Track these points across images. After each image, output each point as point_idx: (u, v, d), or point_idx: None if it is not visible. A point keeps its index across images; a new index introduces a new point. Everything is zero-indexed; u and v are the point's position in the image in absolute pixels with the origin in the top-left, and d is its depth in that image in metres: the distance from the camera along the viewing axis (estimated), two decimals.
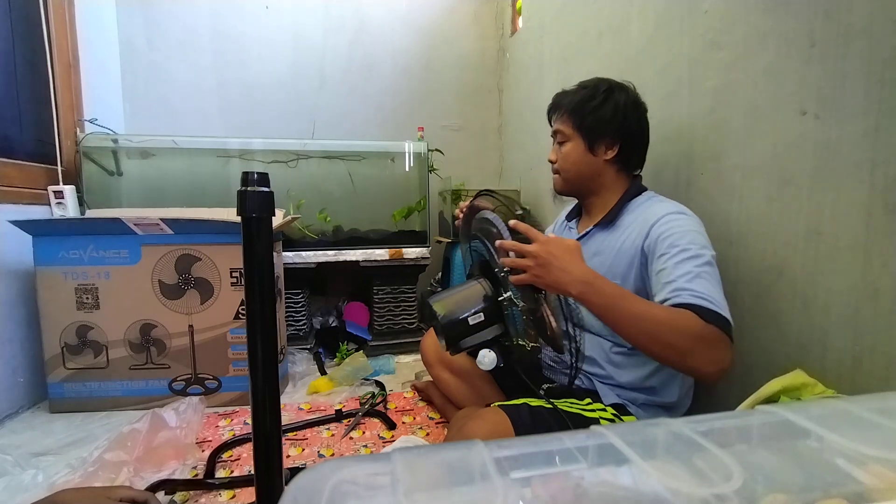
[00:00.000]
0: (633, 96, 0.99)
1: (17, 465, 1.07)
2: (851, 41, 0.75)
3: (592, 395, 0.93)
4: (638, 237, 0.89)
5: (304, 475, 0.33)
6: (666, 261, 0.81)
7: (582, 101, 0.97)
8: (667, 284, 0.78)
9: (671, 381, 0.92)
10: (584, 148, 0.98)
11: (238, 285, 1.42)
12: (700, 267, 0.78)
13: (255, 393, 0.66)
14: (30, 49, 1.59)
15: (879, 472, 0.33)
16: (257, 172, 0.65)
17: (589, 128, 0.97)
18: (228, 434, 1.26)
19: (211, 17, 2.17)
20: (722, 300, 0.75)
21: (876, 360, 0.74)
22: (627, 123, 0.96)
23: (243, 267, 0.66)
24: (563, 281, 0.75)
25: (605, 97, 0.96)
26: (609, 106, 0.95)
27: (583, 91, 0.98)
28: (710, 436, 0.37)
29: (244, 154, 1.94)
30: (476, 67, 2.50)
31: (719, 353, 0.71)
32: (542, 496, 0.33)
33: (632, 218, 0.94)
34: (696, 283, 0.76)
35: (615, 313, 0.74)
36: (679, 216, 0.87)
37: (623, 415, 0.90)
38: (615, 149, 0.97)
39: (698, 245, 0.81)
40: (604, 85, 0.98)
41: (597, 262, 0.95)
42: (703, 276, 0.77)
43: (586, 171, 0.99)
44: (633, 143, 0.99)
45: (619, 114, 0.95)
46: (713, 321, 0.71)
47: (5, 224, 1.31)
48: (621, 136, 0.97)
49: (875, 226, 0.73)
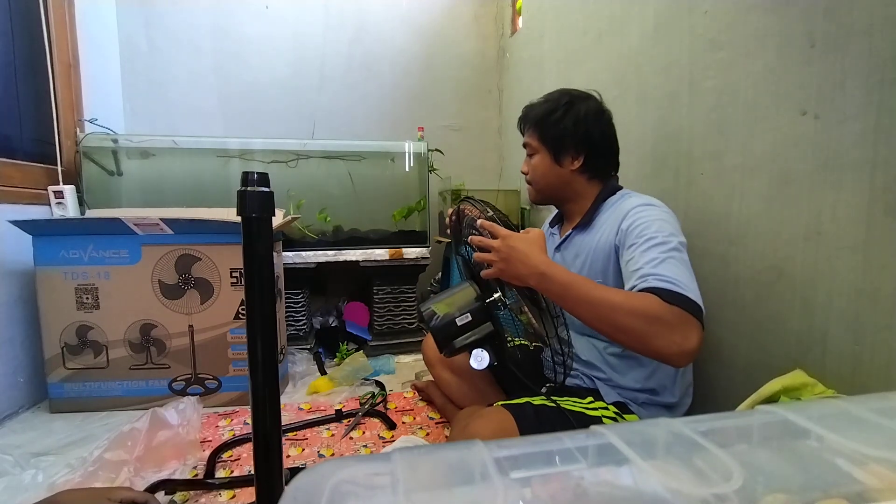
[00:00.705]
0: (596, 105, 1.00)
1: (17, 465, 1.07)
2: (851, 41, 0.75)
3: (594, 394, 0.93)
4: (611, 233, 0.91)
5: (304, 475, 0.33)
6: (633, 250, 0.82)
7: (544, 115, 0.99)
8: (634, 272, 0.79)
9: (670, 382, 0.93)
10: (551, 160, 1.00)
11: (238, 285, 1.42)
12: (666, 253, 0.79)
13: (255, 393, 0.66)
14: (30, 49, 1.59)
15: (879, 472, 0.33)
16: (257, 172, 0.65)
17: (553, 140, 0.99)
18: (228, 434, 1.26)
19: (211, 17, 2.17)
20: (689, 282, 0.75)
21: (876, 360, 0.74)
22: (590, 133, 0.98)
23: (243, 267, 0.66)
24: (523, 273, 0.77)
25: (566, 109, 0.98)
26: (570, 118, 0.97)
27: (545, 104, 1.00)
28: (710, 436, 0.37)
29: (244, 154, 1.94)
30: (476, 67, 2.50)
31: (682, 335, 0.70)
32: (542, 496, 0.33)
33: (606, 216, 0.96)
34: (662, 267, 0.76)
35: (571, 300, 0.75)
36: (646, 207, 0.89)
37: (625, 413, 0.91)
38: (581, 159, 0.99)
39: (665, 233, 0.82)
40: (565, 97, 1.00)
41: (578, 264, 0.97)
42: (669, 260, 0.78)
43: (555, 181, 1.02)
44: (598, 151, 1.00)
45: (580, 125, 0.97)
46: (676, 302, 0.71)
47: (5, 224, 1.31)
48: (585, 146, 0.98)
49: (875, 226, 0.73)
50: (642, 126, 1.29)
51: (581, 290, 0.74)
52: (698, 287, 0.76)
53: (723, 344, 1.04)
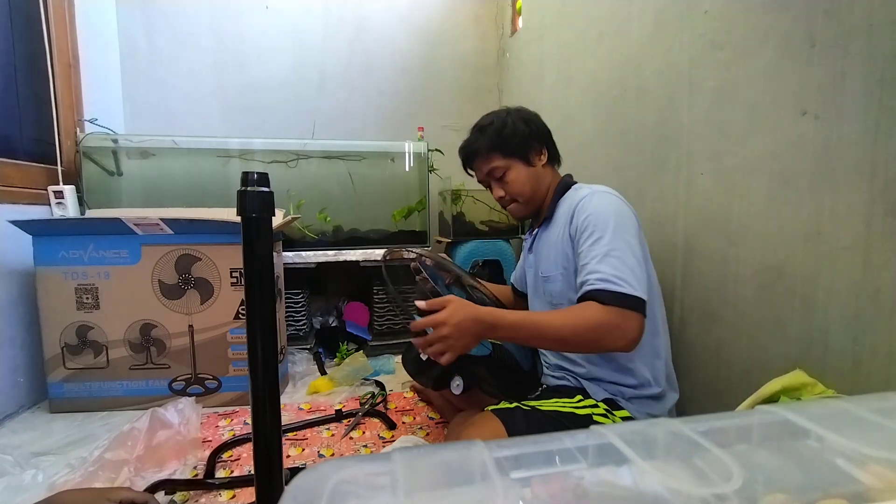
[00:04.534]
0: (524, 109, 1.09)
1: (17, 465, 1.07)
2: (851, 41, 0.75)
3: (582, 393, 0.94)
4: (565, 225, 0.97)
5: (304, 475, 0.33)
6: (582, 244, 0.90)
7: (496, 133, 1.04)
8: (583, 268, 0.87)
9: (648, 372, 0.94)
10: (524, 165, 1.05)
11: (238, 285, 1.42)
12: (607, 245, 0.86)
13: (255, 393, 0.66)
14: (30, 49, 1.59)
15: (879, 472, 0.33)
16: (257, 172, 0.65)
17: (518, 146, 1.04)
18: (228, 434, 1.26)
19: (211, 17, 2.17)
20: (628, 275, 0.82)
21: (876, 360, 0.74)
22: (538, 128, 1.06)
23: (243, 267, 0.66)
24: (470, 344, 0.83)
25: (510, 119, 1.05)
26: (518, 123, 1.04)
27: (489, 127, 1.05)
28: (710, 436, 0.37)
29: (244, 154, 1.94)
30: (476, 67, 2.50)
31: (621, 330, 0.80)
32: (542, 496, 0.33)
33: (562, 210, 1.01)
34: (603, 264, 0.84)
35: (523, 337, 0.84)
36: (593, 196, 0.94)
37: (615, 409, 0.91)
38: (544, 151, 1.07)
39: (609, 225, 0.88)
40: (500, 113, 1.07)
41: (552, 257, 1.02)
42: (611, 254, 0.85)
43: (535, 182, 1.06)
44: (550, 140, 1.09)
45: (530, 124, 1.05)
46: (614, 302, 0.80)
47: (5, 224, 1.31)
48: (541, 139, 1.06)
49: (875, 226, 0.73)
50: (642, 126, 1.29)
51: (527, 325, 0.83)
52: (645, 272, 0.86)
53: (723, 344, 1.04)
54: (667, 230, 1.19)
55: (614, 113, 1.43)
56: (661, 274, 1.21)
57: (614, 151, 1.43)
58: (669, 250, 1.18)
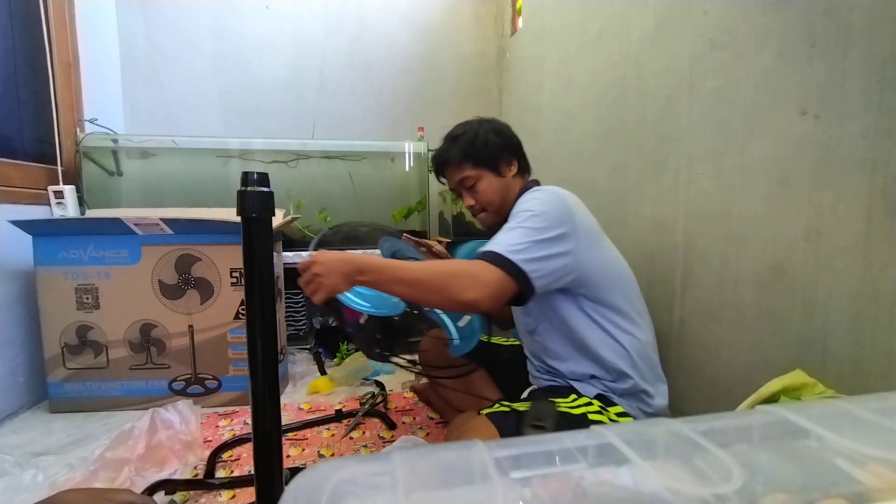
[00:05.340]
0: (496, 120, 1.11)
1: (17, 465, 1.07)
2: (851, 41, 0.75)
3: (574, 392, 0.94)
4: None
5: (304, 475, 0.33)
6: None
7: (468, 144, 1.06)
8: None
9: (625, 365, 0.93)
10: (494, 175, 1.07)
11: (238, 285, 1.42)
12: (517, 226, 0.87)
13: (255, 393, 0.66)
14: (30, 49, 1.59)
15: (879, 472, 0.33)
16: (257, 172, 0.66)
17: (488, 157, 1.06)
18: (228, 434, 1.26)
19: (211, 17, 2.17)
20: (513, 243, 0.84)
21: (876, 360, 0.74)
22: (509, 139, 1.09)
23: (243, 267, 0.66)
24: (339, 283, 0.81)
25: (483, 129, 1.07)
26: (490, 134, 1.06)
27: (461, 137, 1.07)
28: (710, 436, 0.37)
29: (244, 154, 1.94)
30: (476, 67, 2.50)
31: (477, 279, 0.80)
32: (542, 496, 0.33)
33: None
34: (499, 236, 0.86)
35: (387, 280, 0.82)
36: (529, 193, 0.96)
37: (608, 405, 0.91)
38: (515, 162, 1.09)
39: (529, 214, 0.89)
40: (472, 124, 1.09)
41: None
42: (512, 230, 0.87)
43: (505, 192, 1.08)
44: (521, 152, 1.11)
45: (501, 135, 1.08)
46: (484, 258, 0.82)
47: (5, 224, 1.31)
48: (512, 150, 1.09)
49: (875, 226, 0.73)
50: (642, 126, 1.29)
51: (390, 267, 0.83)
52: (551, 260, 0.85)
53: (723, 344, 1.04)
54: (667, 230, 1.19)
55: (614, 113, 1.43)
56: (662, 274, 1.21)
57: (614, 151, 1.43)
58: (669, 250, 1.18)
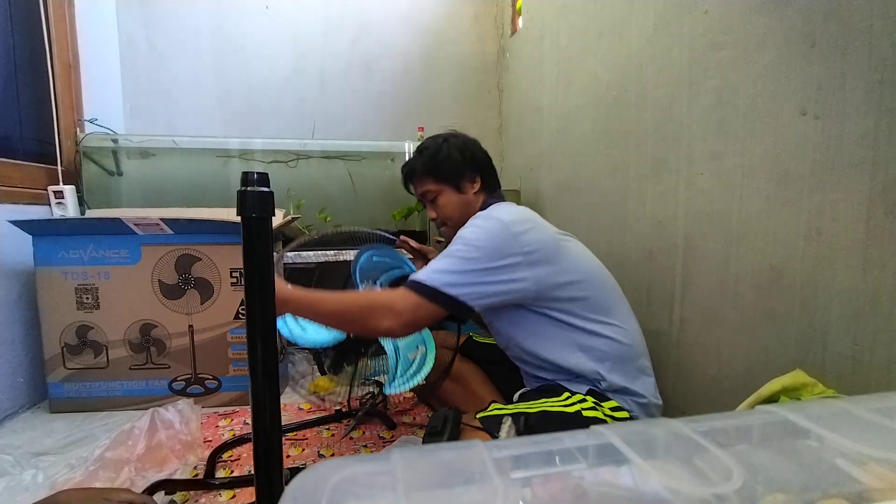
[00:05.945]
0: (464, 136, 1.13)
1: (17, 465, 1.07)
2: (851, 41, 0.75)
3: (567, 390, 0.93)
4: None
5: (304, 475, 0.33)
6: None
7: (430, 158, 1.08)
8: None
9: (602, 367, 0.92)
10: (454, 191, 1.09)
11: (238, 285, 1.42)
12: (448, 254, 0.88)
13: (255, 393, 0.66)
14: (30, 49, 1.59)
15: (879, 472, 0.33)
16: (257, 172, 0.65)
17: (449, 174, 1.08)
18: (228, 434, 1.26)
19: (211, 17, 2.17)
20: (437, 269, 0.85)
21: (876, 360, 0.74)
22: (475, 156, 1.10)
23: (243, 267, 0.66)
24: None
25: (446, 146, 1.08)
26: (454, 150, 1.08)
27: (425, 151, 1.09)
28: (710, 436, 0.37)
29: (244, 154, 1.94)
30: (476, 67, 2.50)
31: (393, 310, 0.82)
32: (542, 496, 0.33)
33: None
34: (431, 263, 0.87)
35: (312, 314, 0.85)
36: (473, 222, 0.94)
37: (602, 401, 0.90)
38: (478, 179, 1.10)
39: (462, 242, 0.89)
40: (439, 138, 1.11)
41: None
42: (443, 258, 0.87)
43: (465, 208, 1.09)
44: (487, 170, 1.12)
45: (465, 151, 1.09)
46: (407, 286, 0.83)
47: (5, 224, 1.31)
48: (476, 168, 1.10)
49: (875, 226, 0.73)
50: (642, 126, 1.29)
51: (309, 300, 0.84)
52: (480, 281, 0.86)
53: (723, 344, 1.04)
54: (667, 230, 1.19)
55: (614, 113, 1.43)
56: (662, 274, 1.21)
57: (614, 151, 1.43)
58: (669, 250, 1.18)
